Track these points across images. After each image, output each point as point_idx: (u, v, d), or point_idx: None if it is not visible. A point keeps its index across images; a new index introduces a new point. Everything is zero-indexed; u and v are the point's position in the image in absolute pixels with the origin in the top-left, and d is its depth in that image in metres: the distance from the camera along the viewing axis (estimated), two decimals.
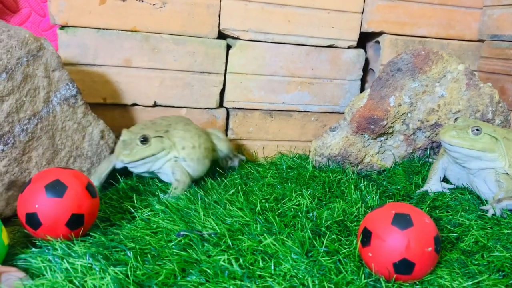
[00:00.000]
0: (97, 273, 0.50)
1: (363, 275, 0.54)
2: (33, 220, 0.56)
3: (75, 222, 0.57)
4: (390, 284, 0.53)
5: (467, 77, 0.91)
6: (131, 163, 0.73)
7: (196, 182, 0.82)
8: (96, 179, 0.76)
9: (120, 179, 0.80)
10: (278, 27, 0.95)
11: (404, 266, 0.52)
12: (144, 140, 0.72)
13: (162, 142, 0.75)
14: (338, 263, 0.57)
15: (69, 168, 0.73)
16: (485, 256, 0.62)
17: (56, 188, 0.56)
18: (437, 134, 0.92)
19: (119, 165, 0.74)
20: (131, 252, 0.55)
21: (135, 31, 0.88)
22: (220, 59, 0.94)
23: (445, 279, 0.56)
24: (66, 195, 0.56)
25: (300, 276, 0.54)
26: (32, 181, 0.58)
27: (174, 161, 0.77)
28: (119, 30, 0.87)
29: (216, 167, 0.90)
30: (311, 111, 1.04)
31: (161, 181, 0.81)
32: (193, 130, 0.80)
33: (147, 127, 0.77)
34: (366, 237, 0.55)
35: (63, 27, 0.85)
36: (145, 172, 0.77)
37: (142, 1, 0.87)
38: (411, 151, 0.94)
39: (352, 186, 0.82)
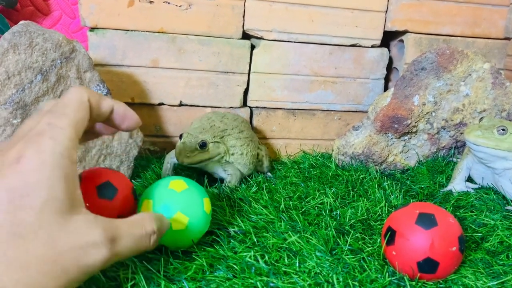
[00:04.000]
0: (130, 268, 0.52)
1: (387, 274, 0.55)
2: None
3: None
4: (414, 283, 0.54)
5: (492, 76, 0.90)
6: (189, 165, 0.78)
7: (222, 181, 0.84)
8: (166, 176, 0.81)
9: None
10: (302, 26, 0.96)
11: (428, 265, 0.53)
12: (203, 145, 0.77)
13: (218, 148, 0.80)
14: (362, 261, 0.58)
15: (113, 169, 0.76)
16: (510, 256, 0.62)
17: (108, 190, 0.58)
18: (461, 133, 0.91)
19: (177, 162, 0.80)
20: (163, 247, 0.57)
21: (162, 32, 0.90)
22: (244, 59, 0.95)
23: (469, 278, 0.56)
24: (116, 198, 0.58)
25: (325, 273, 0.55)
26: (82, 178, 0.60)
27: (225, 162, 0.82)
28: (146, 31, 0.90)
29: None
30: (334, 110, 1.04)
31: (211, 179, 0.84)
32: (243, 139, 0.85)
33: (206, 130, 0.81)
34: (391, 236, 0.55)
35: (93, 29, 0.88)
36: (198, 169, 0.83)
37: (169, 3, 0.89)
38: (435, 150, 0.94)
39: (376, 185, 0.82)
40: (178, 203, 0.55)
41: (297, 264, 0.57)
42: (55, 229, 0.37)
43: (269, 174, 0.92)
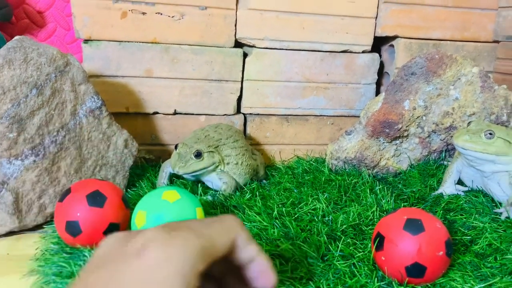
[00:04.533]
0: None
1: (376, 279, 0.56)
2: (74, 227, 0.60)
3: (112, 230, 0.61)
4: (402, 287, 0.55)
5: (481, 79, 0.91)
6: (185, 174, 0.80)
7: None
8: (161, 185, 0.84)
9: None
10: (293, 34, 0.98)
11: (416, 270, 0.54)
12: (198, 155, 0.79)
13: (213, 157, 0.82)
14: (352, 267, 0.59)
15: (103, 179, 0.78)
16: (498, 258, 0.64)
17: (97, 198, 0.60)
18: (452, 136, 0.93)
19: (172, 171, 0.82)
20: None
21: (155, 42, 0.92)
22: (237, 67, 0.97)
23: (457, 281, 0.58)
24: (106, 205, 0.60)
25: (316, 280, 0.57)
26: (72, 190, 0.62)
27: (220, 171, 0.83)
28: (140, 42, 0.91)
29: None
30: (327, 115, 1.06)
31: (205, 186, 0.86)
32: (238, 149, 0.86)
33: (201, 140, 0.83)
34: (380, 241, 0.57)
35: (87, 40, 0.89)
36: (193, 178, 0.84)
37: (161, 14, 0.90)
38: (426, 153, 0.95)
39: (368, 190, 0.83)
40: (171, 214, 0.57)
41: (290, 271, 0.58)
42: None
43: (264, 181, 0.93)
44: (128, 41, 0.91)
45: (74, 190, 0.61)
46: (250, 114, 1.02)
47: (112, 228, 0.60)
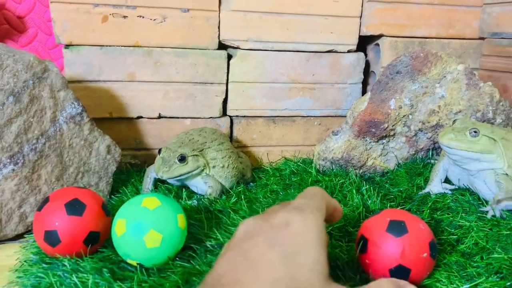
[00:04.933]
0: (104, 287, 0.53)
1: (359, 282, 0.55)
2: (52, 237, 0.58)
3: (92, 239, 0.60)
4: None
5: (467, 77, 0.91)
6: (169, 179, 0.79)
7: None
8: (146, 191, 0.84)
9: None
10: (277, 35, 0.97)
11: (400, 272, 0.54)
12: (182, 159, 0.78)
13: (198, 161, 0.80)
14: (337, 270, 0.58)
15: (81, 186, 0.76)
16: (484, 257, 0.63)
17: (76, 206, 0.59)
18: (438, 135, 0.92)
19: (156, 177, 0.80)
20: (138, 265, 0.57)
21: (138, 46, 0.91)
22: (221, 69, 0.96)
23: (442, 282, 0.57)
24: (85, 214, 0.59)
25: None
26: (50, 199, 0.60)
27: (205, 175, 0.82)
28: (121, 46, 0.90)
29: None
30: (314, 116, 1.05)
31: (190, 191, 0.85)
32: (224, 151, 0.85)
33: (185, 144, 0.82)
34: (363, 244, 0.56)
35: (67, 46, 0.88)
36: (178, 182, 0.84)
37: (143, 17, 0.89)
38: (413, 152, 0.95)
39: (354, 190, 0.83)
40: (151, 221, 0.56)
41: None
42: None
43: (251, 184, 0.92)
44: (109, 46, 0.89)
45: (53, 199, 0.60)
46: (236, 116, 1.01)
47: (92, 236, 0.59)
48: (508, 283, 0.57)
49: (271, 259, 0.40)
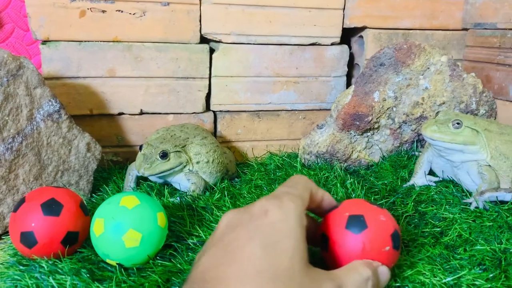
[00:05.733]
0: None
1: None
2: (28, 238, 0.57)
3: (70, 239, 0.58)
4: None
5: (450, 68, 0.91)
6: (151, 176, 0.77)
7: None
8: (128, 189, 0.82)
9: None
10: (260, 28, 0.96)
11: None
12: (164, 155, 0.76)
13: (180, 157, 0.79)
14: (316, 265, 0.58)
15: (59, 186, 0.75)
16: (467, 249, 0.63)
17: (52, 206, 0.57)
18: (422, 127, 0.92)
19: (138, 174, 0.79)
20: (117, 265, 0.56)
21: (117, 41, 0.89)
22: (203, 63, 0.95)
23: (425, 275, 0.57)
24: (63, 214, 0.57)
25: None
26: (26, 199, 0.59)
27: (188, 171, 0.81)
28: (100, 41, 0.88)
29: None
30: (298, 110, 1.04)
31: (173, 188, 0.83)
32: (209, 145, 0.83)
33: (166, 140, 0.80)
34: (324, 242, 0.54)
35: (45, 41, 0.86)
36: (160, 180, 0.82)
37: (122, 11, 0.87)
38: (398, 144, 0.95)
39: (339, 184, 0.82)
40: (129, 220, 0.55)
41: None
42: (303, 275, 0.41)
43: (236, 179, 0.91)
44: (88, 41, 0.88)
45: (29, 199, 0.58)
46: (220, 111, 1.00)
47: (70, 237, 0.58)
48: (491, 275, 0.56)
49: (252, 250, 0.40)
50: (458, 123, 0.73)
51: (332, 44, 1.01)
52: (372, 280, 0.48)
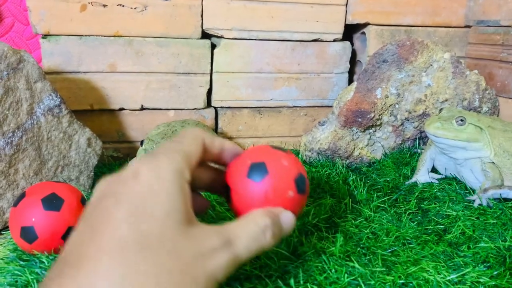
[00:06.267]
0: None
1: (346, 274, 0.54)
2: (29, 233, 0.56)
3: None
4: (373, 282, 0.54)
5: (453, 65, 0.90)
6: None
7: None
8: None
9: None
10: (262, 24, 0.95)
11: None
12: None
13: None
14: (323, 263, 0.57)
15: (60, 181, 0.74)
16: (471, 247, 0.63)
17: (53, 201, 0.57)
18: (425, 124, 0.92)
19: None
20: None
21: (118, 36, 0.88)
22: (205, 59, 0.94)
23: (429, 272, 0.56)
24: (63, 209, 0.57)
25: (286, 277, 0.55)
26: (27, 194, 0.58)
27: None
28: (101, 36, 0.87)
29: None
30: (300, 106, 1.04)
31: None
32: None
33: (168, 135, 0.79)
34: (227, 193, 0.51)
35: (45, 36, 0.85)
36: None
37: (123, 6, 0.87)
38: (400, 142, 0.94)
39: (341, 181, 0.82)
40: None
41: (259, 269, 0.56)
42: (178, 239, 0.37)
43: None
44: (89, 35, 0.87)
45: (29, 194, 0.58)
46: (221, 107, 0.99)
47: (71, 232, 0.57)
48: (495, 272, 0.56)
49: (116, 221, 0.36)
50: (461, 120, 0.72)
51: (334, 40, 1.00)
52: (271, 230, 0.45)
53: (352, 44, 1.04)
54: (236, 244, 0.41)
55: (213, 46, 0.95)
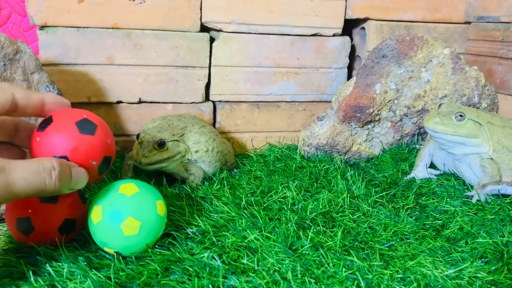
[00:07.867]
0: (78, 277, 0.50)
1: (343, 268, 0.54)
2: (25, 225, 0.56)
3: (68, 227, 0.57)
4: (371, 275, 0.54)
5: (452, 61, 0.90)
6: (148, 166, 0.75)
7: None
8: (125, 178, 0.80)
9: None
10: (261, 17, 0.94)
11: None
12: (162, 144, 0.75)
13: (178, 146, 0.78)
14: (321, 257, 0.57)
15: None
16: (469, 242, 0.63)
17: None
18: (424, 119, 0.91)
19: (135, 163, 0.77)
20: (115, 254, 0.55)
21: (116, 28, 0.87)
22: (203, 52, 0.93)
23: (427, 267, 0.56)
24: (60, 201, 0.56)
25: (284, 270, 0.55)
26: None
27: (187, 161, 0.79)
28: (99, 28, 0.87)
29: None
30: (299, 101, 1.03)
31: (172, 179, 0.82)
32: (208, 134, 0.82)
33: (164, 129, 0.78)
34: (45, 123, 0.53)
35: (42, 27, 0.84)
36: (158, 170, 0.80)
37: None
38: (399, 137, 0.94)
39: (339, 176, 0.82)
40: (128, 208, 0.54)
41: (256, 262, 0.56)
42: None
43: (235, 170, 0.90)
44: (87, 27, 0.86)
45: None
46: (220, 101, 0.99)
47: (67, 224, 0.57)
48: (493, 268, 0.56)
49: None
50: (461, 116, 0.72)
51: (334, 35, 1.00)
52: (58, 173, 0.48)
53: (351, 39, 1.04)
54: (11, 174, 0.45)
55: (212, 40, 0.95)
